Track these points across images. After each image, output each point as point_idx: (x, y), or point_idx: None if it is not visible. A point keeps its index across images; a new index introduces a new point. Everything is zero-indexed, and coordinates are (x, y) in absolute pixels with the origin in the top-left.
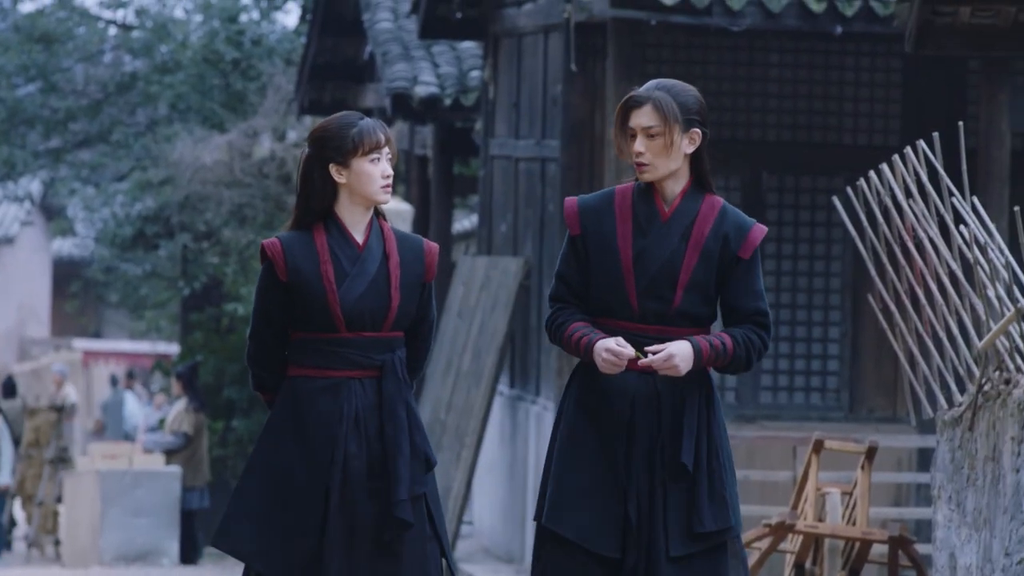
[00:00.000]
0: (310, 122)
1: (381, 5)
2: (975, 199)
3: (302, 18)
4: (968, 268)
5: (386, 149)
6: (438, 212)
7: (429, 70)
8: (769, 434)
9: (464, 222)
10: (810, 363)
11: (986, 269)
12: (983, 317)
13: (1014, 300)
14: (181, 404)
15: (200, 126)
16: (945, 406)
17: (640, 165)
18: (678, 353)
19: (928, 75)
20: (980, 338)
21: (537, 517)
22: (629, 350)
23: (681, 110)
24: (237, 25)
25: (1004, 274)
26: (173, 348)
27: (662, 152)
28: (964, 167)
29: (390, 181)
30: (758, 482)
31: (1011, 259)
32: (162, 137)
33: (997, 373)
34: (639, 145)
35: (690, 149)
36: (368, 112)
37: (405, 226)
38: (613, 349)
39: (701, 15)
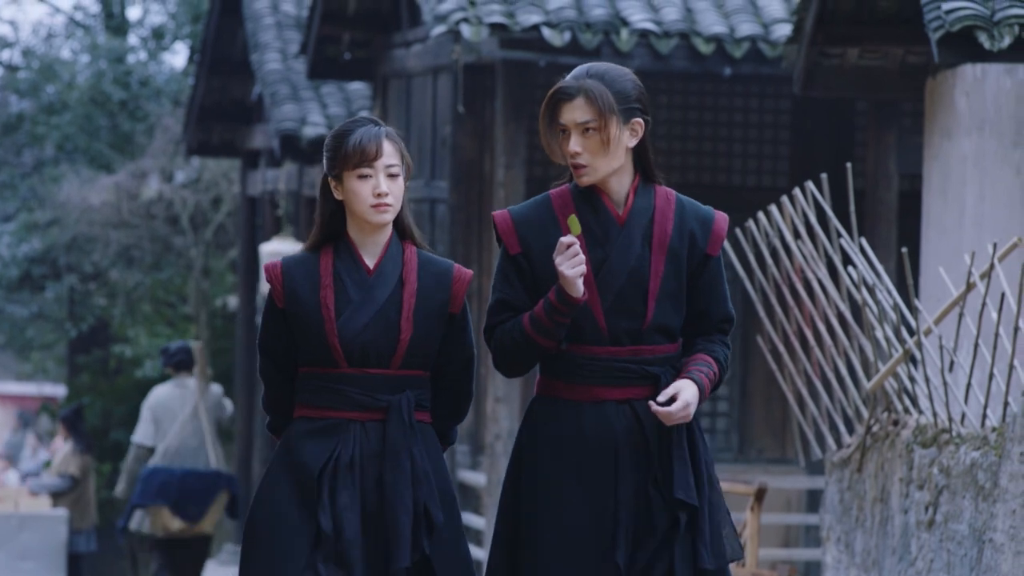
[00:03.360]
0: (198, 163)
1: (270, 46)
2: (863, 240)
3: (190, 59)
4: (856, 309)
5: (382, 162)
6: None
7: (318, 111)
8: None
9: None
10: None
11: (874, 310)
12: (871, 358)
13: (902, 341)
14: (68, 446)
15: (87, 167)
16: (834, 447)
17: (577, 167)
18: (692, 400)
19: (816, 117)
20: (868, 379)
21: None
22: (567, 238)
23: (618, 99)
24: (124, 66)
25: (892, 315)
26: (60, 390)
27: (600, 150)
28: (852, 208)
29: (383, 200)
30: None
31: (899, 300)
32: (49, 178)
33: (885, 414)
34: (574, 144)
35: (632, 142)
36: (255, 153)
37: None
38: (561, 254)
39: (590, 56)
